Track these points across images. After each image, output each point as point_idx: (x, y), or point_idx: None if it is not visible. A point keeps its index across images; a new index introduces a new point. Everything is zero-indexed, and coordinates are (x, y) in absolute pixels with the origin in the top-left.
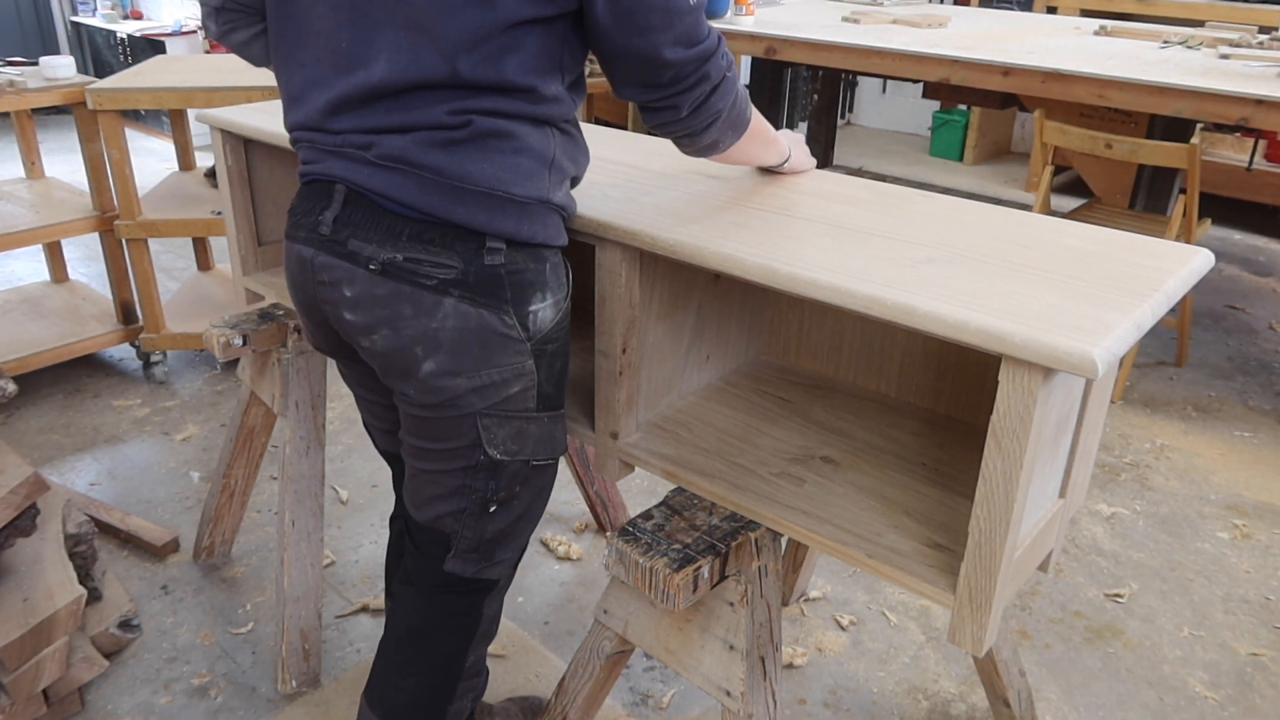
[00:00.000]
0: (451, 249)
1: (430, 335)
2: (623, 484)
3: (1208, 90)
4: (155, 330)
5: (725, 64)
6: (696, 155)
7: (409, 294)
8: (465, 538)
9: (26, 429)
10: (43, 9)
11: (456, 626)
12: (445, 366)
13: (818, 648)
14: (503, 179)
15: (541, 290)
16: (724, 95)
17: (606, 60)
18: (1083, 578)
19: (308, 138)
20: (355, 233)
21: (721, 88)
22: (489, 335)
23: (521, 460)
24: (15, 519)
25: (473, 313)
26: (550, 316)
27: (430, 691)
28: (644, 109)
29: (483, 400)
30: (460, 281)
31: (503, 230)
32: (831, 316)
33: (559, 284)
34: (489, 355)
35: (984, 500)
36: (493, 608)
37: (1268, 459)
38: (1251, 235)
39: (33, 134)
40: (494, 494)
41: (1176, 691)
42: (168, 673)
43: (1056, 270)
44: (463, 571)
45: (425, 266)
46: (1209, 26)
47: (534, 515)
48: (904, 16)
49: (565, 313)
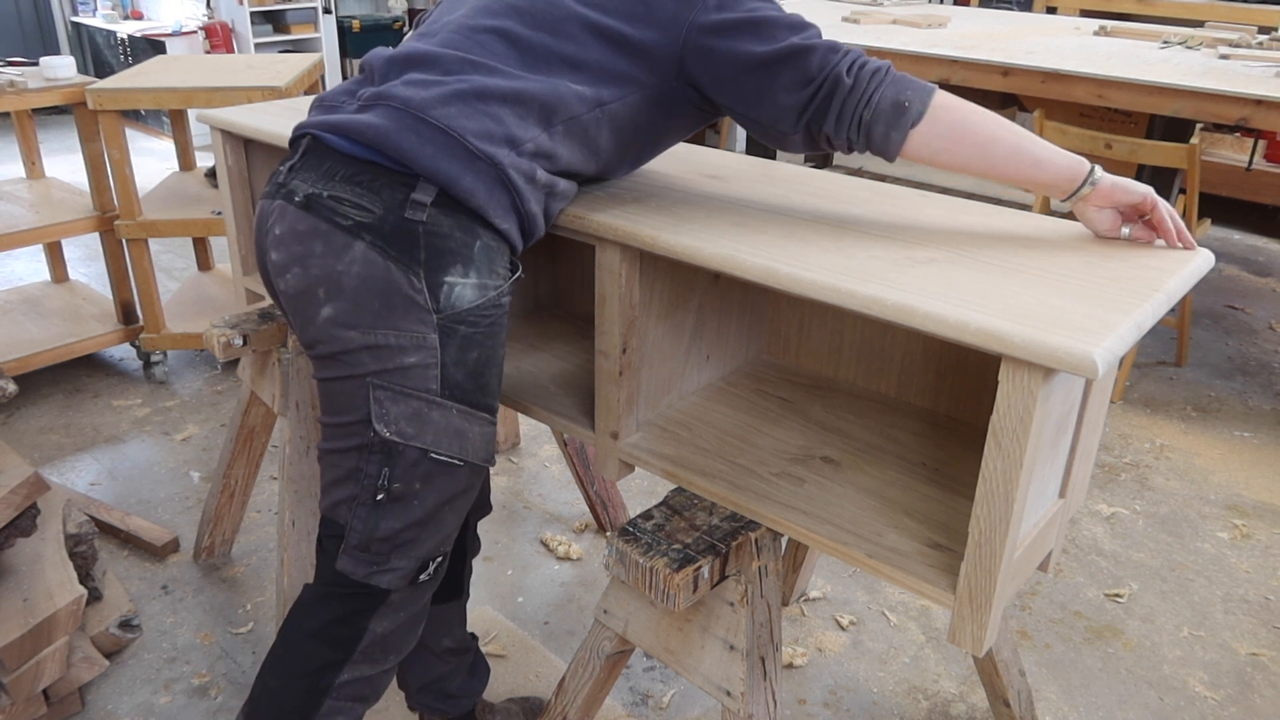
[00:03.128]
0: (378, 194)
1: (334, 277)
2: (623, 484)
3: (1207, 90)
4: (155, 330)
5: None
6: (891, 157)
7: (324, 231)
8: (355, 530)
9: (26, 429)
10: (43, 9)
11: (331, 635)
12: (342, 314)
13: (818, 648)
14: (468, 127)
15: (463, 264)
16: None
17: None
18: (1083, 578)
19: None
20: (298, 175)
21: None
22: (392, 292)
23: (418, 448)
24: (15, 519)
25: (380, 263)
26: (470, 297)
27: (290, 699)
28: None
29: (376, 362)
30: (375, 228)
31: (439, 172)
32: (831, 316)
33: (490, 269)
34: (389, 313)
35: (984, 500)
36: (382, 627)
37: (1268, 459)
38: (1251, 235)
39: (33, 134)
40: (386, 482)
41: (1176, 691)
42: (168, 673)
43: (1056, 270)
44: (351, 572)
45: (345, 206)
46: (1209, 26)
47: (440, 526)
48: (904, 16)
49: (494, 303)
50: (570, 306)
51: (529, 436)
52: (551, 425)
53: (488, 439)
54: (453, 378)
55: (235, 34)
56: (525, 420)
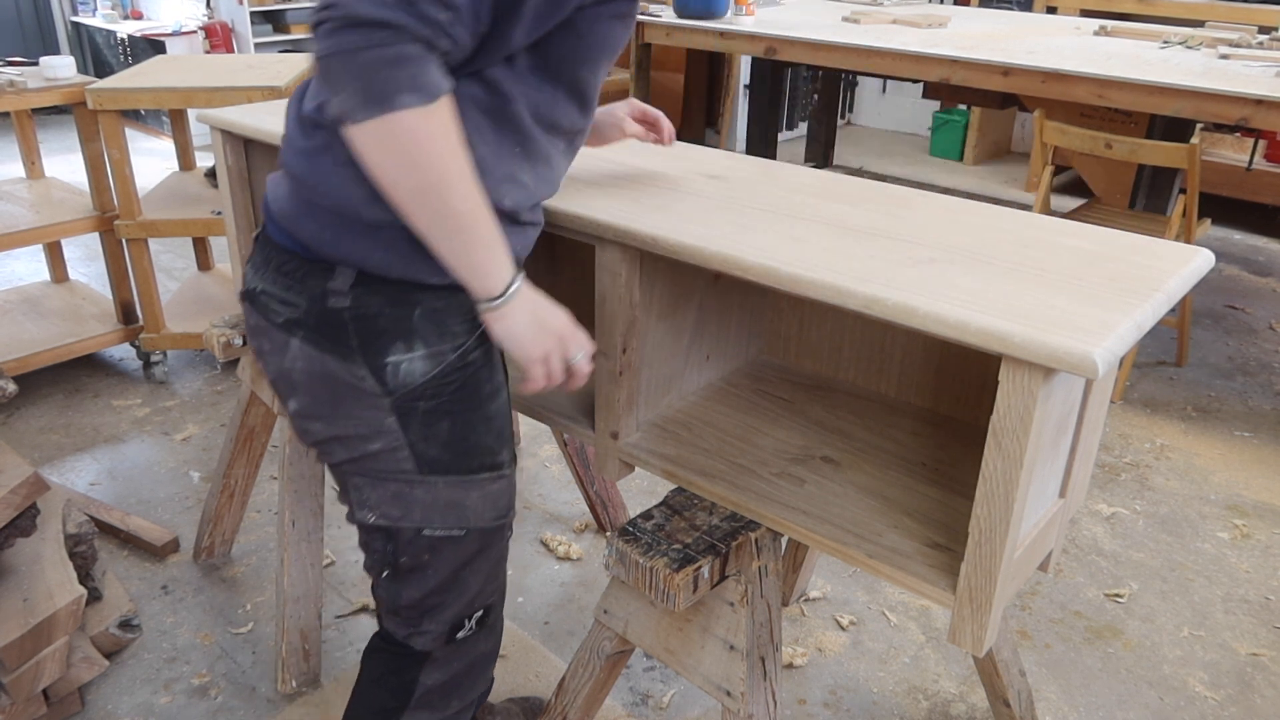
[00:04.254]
0: (302, 284)
1: (286, 374)
2: (623, 484)
3: (1207, 90)
4: (155, 330)
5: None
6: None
7: (265, 328)
8: (381, 599)
9: (26, 429)
10: (43, 9)
11: (390, 684)
12: (304, 408)
13: (818, 648)
14: (351, 193)
15: (404, 340)
16: (332, 36)
17: None
18: (1083, 578)
19: None
20: (253, 262)
21: (329, 27)
22: (336, 383)
23: (411, 528)
24: (15, 519)
25: (317, 356)
26: (422, 370)
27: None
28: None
29: (345, 450)
30: (303, 322)
31: (349, 257)
32: (831, 316)
33: (440, 334)
34: (340, 404)
35: (984, 500)
36: (432, 679)
37: (1268, 459)
38: (1251, 235)
39: (33, 134)
40: (391, 559)
41: (1176, 691)
42: (168, 673)
43: (1056, 270)
44: (394, 632)
45: (275, 302)
46: (1209, 26)
47: (463, 589)
48: (904, 16)
49: (455, 367)
50: (570, 306)
51: (529, 436)
52: (551, 425)
53: (495, 496)
54: (426, 454)
55: (235, 34)
56: (525, 420)
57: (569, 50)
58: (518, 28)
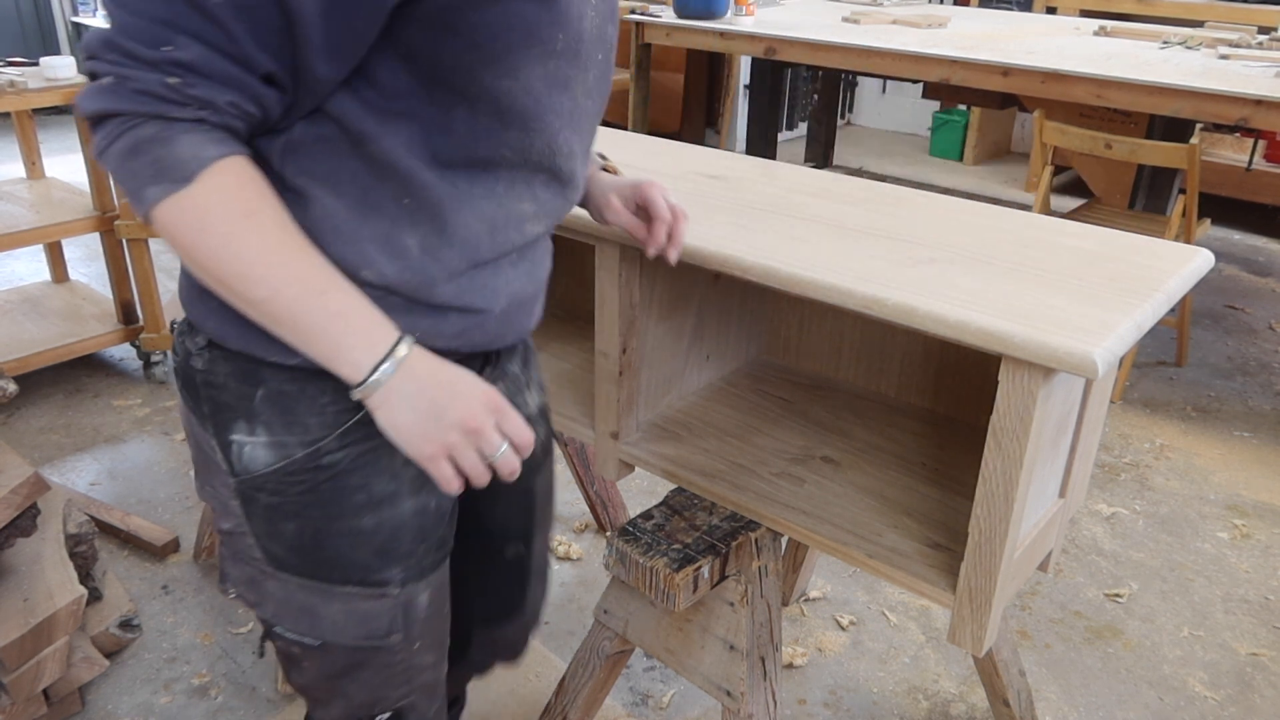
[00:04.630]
0: (179, 336)
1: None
2: (623, 484)
3: (1207, 90)
4: (155, 330)
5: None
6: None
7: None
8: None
9: (26, 429)
10: (43, 9)
11: None
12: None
13: (818, 648)
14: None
15: (248, 421)
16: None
17: None
18: (1083, 578)
19: None
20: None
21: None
22: (199, 445)
23: (267, 620)
24: (15, 519)
25: (186, 412)
26: (266, 460)
27: None
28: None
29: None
30: (179, 373)
31: (196, 319)
32: (831, 316)
33: (288, 423)
34: (204, 469)
35: (984, 500)
36: None
37: (1268, 459)
38: (1251, 235)
39: (33, 134)
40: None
41: (1176, 691)
42: (168, 673)
43: (1056, 270)
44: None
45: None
46: (1208, 27)
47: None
48: (904, 16)
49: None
50: (570, 306)
51: None
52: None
53: (365, 616)
54: (271, 549)
55: None
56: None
57: (456, 55)
58: (315, 58)
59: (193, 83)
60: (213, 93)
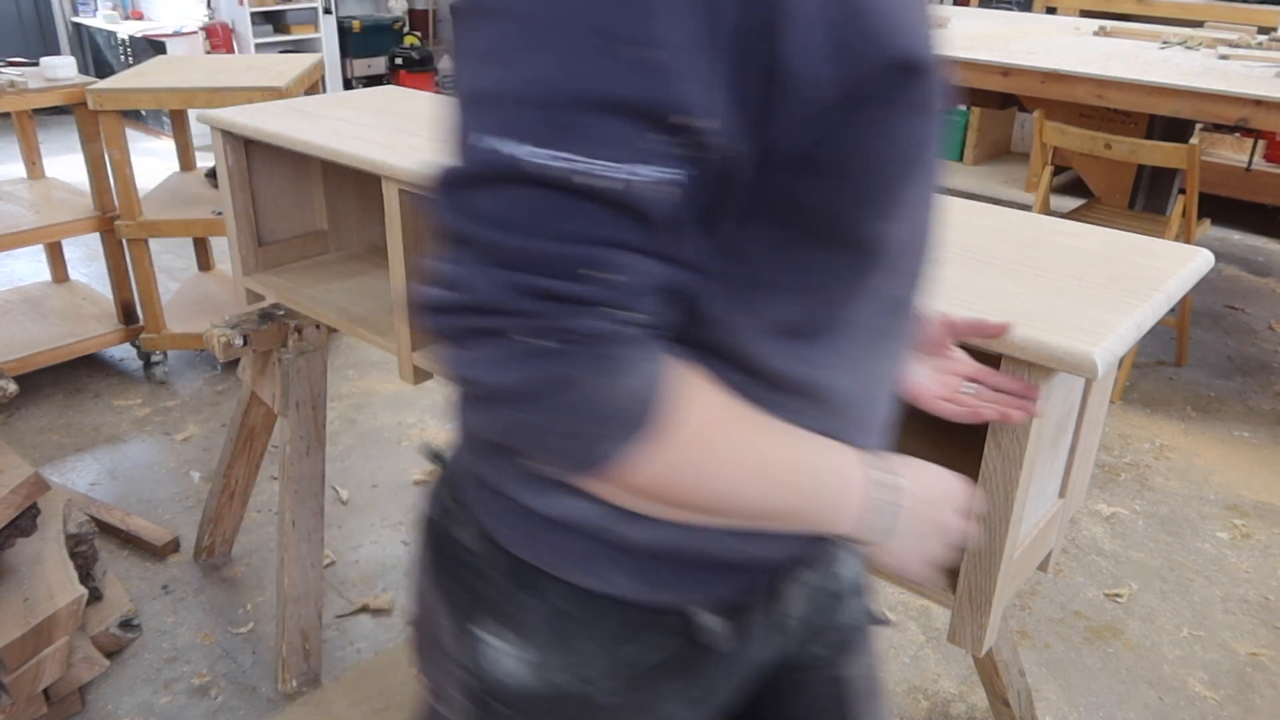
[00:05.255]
0: (449, 495)
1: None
2: None
3: (1207, 90)
4: (156, 330)
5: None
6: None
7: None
8: None
9: (27, 429)
10: (43, 9)
11: None
12: (414, 616)
13: None
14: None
15: (508, 627)
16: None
17: None
18: (1083, 578)
19: None
20: None
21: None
22: (428, 612)
23: None
24: (16, 519)
25: (423, 570)
26: (520, 678)
27: None
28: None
29: (431, 697)
30: (428, 526)
31: (478, 508)
32: None
33: (561, 647)
34: (428, 642)
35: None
36: None
37: (1268, 459)
38: (1251, 235)
39: (33, 134)
40: None
41: (1176, 691)
42: (168, 673)
43: (1056, 270)
44: None
45: (433, 498)
46: (1208, 27)
47: None
48: None
49: (571, 699)
50: None
51: None
52: None
53: None
54: None
55: (235, 34)
56: None
57: (826, 196)
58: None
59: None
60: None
